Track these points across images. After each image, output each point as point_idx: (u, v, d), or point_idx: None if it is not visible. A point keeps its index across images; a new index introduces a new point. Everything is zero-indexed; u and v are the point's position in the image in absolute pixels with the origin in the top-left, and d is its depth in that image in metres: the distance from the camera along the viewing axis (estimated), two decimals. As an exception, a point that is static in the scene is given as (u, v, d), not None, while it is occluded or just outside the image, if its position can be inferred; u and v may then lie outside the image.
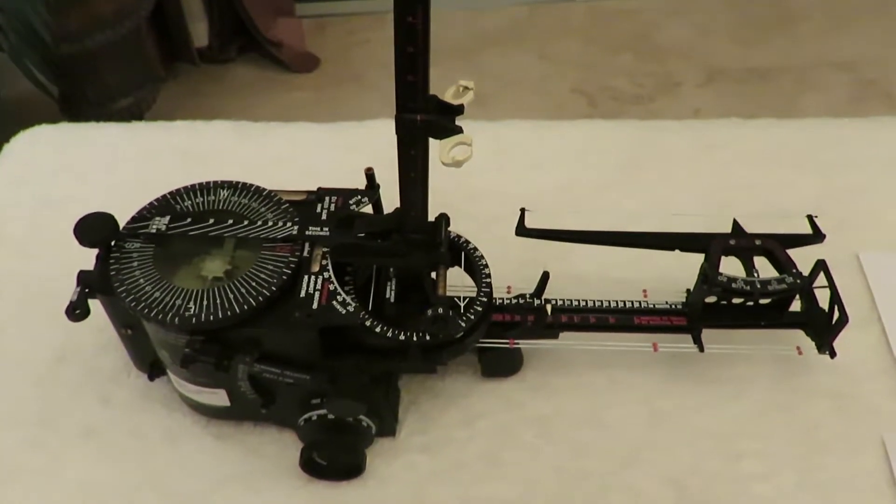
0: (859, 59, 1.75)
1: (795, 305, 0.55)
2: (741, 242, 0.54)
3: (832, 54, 1.77)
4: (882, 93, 1.67)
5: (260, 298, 0.46)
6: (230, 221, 0.51)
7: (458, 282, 0.54)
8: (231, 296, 0.47)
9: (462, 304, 0.51)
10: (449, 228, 0.52)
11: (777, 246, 0.53)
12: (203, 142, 0.78)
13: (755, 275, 0.52)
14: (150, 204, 0.53)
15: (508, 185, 0.72)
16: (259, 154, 0.77)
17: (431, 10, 0.36)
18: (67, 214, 0.50)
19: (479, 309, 0.51)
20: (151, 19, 1.56)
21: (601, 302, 0.56)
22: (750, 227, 0.56)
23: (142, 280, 0.48)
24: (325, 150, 0.77)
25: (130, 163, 0.76)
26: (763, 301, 0.54)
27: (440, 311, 0.47)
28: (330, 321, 0.47)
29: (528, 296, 0.55)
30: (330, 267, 0.49)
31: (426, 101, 0.40)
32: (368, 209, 0.54)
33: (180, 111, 1.66)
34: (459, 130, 0.40)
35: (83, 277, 0.49)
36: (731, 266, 0.53)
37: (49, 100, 1.43)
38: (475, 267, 0.53)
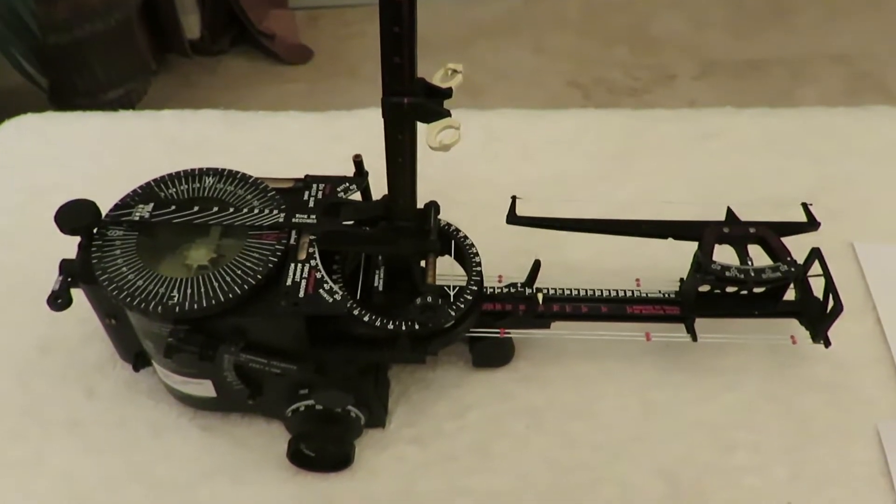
0: (854, 51, 1.74)
1: (790, 294, 0.55)
2: (735, 230, 0.53)
3: (827, 47, 1.76)
4: (876, 85, 1.67)
5: (245, 287, 0.46)
6: (215, 209, 0.50)
7: (447, 270, 0.53)
8: (216, 284, 0.46)
9: (452, 293, 0.50)
10: (439, 216, 0.51)
11: (771, 234, 0.53)
12: (191, 131, 0.77)
13: (749, 263, 0.52)
14: (134, 191, 0.52)
15: (500, 174, 0.72)
16: (248, 143, 0.76)
17: (426, 1, 0.35)
18: (53, 203, 0.49)
19: (469, 298, 0.50)
20: (142, 10, 1.55)
21: (593, 291, 0.55)
22: (744, 216, 0.55)
23: (124, 268, 0.47)
24: (314, 139, 0.76)
25: (117, 152, 0.75)
26: (757, 290, 0.54)
27: (429, 300, 0.46)
28: (316, 310, 0.46)
29: (519, 285, 0.55)
30: (317, 255, 0.48)
31: (413, 83, 0.39)
32: (357, 197, 0.53)
33: (172, 103, 1.63)
34: (447, 114, 0.40)
35: (65, 266, 0.48)
36: (724, 254, 0.52)
37: (38, 91, 1.41)
38: (465, 255, 0.53)
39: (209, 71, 1.78)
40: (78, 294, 0.49)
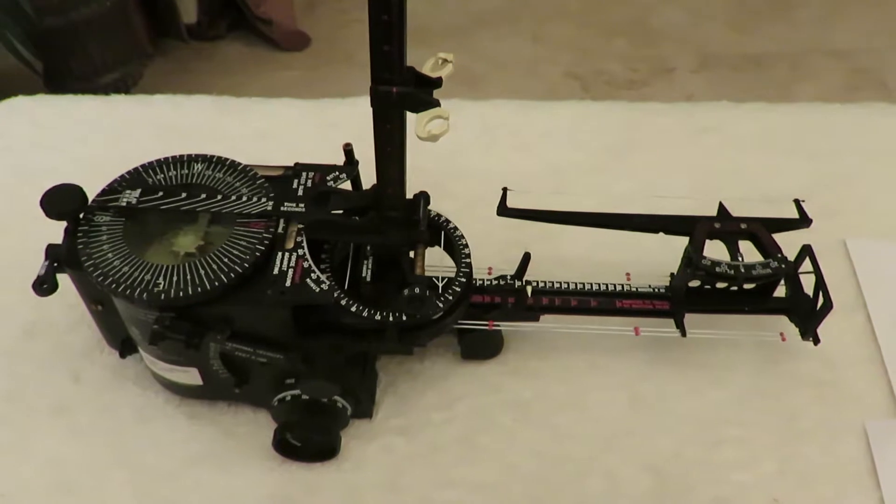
0: (853, 47, 1.74)
1: (780, 291, 0.54)
2: (726, 226, 0.53)
3: (826, 42, 1.75)
4: (875, 82, 1.66)
5: (232, 275, 0.45)
6: (203, 196, 0.50)
7: (437, 262, 0.53)
8: (202, 272, 0.45)
9: (440, 285, 0.50)
10: (430, 207, 0.51)
11: (762, 230, 0.52)
12: (183, 116, 0.77)
13: (740, 259, 0.51)
14: (122, 176, 0.51)
15: (494, 165, 0.71)
16: (240, 130, 0.75)
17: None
18: (42, 187, 0.49)
19: (458, 289, 0.50)
20: (139, -6, 1.54)
21: (583, 284, 0.55)
22: (737, 211, 0.55)
23: (110, 254, 0.46)
24: (307, 126, 0.76)
25: (108, 136, 0.75)
26: (747, 286, 0.54)
27: (417, 291, 0.46)
28: (303, 299, 0.46)
29: (508, 277, 0.54)
30: (305, 244, 0.48)
31: (403, 72, 0.39)
32: (347, 186, 0.53)
33: (167, 88, 1.62)
34: (437, 104, 0.39)
35: (51, 251, 0.48)
36: (715, 250, 0.52)
37: (33, 74, 1.40)
38: (455, 246, 0.52)
39: (206, 56, 1.77)
40: (65, 279, 0.49)
